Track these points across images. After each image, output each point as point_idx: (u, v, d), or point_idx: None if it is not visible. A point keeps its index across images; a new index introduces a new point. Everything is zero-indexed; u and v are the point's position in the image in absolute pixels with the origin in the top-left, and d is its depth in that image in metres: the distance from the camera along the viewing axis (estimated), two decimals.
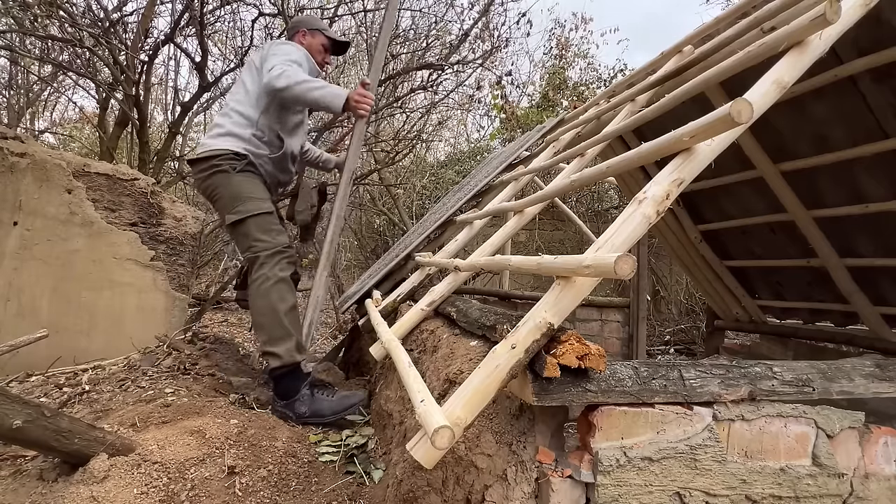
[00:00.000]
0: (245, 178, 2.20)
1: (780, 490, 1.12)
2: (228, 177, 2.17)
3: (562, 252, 6.26)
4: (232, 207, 2.15)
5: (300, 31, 2.47)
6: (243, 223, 2.13)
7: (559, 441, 1.10)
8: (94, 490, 1.30)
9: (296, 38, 2.46)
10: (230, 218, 2.15)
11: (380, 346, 1.85)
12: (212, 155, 2.18)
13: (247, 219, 2.12)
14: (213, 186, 2.21)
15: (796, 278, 3.04)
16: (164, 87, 6.18)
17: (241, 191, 2.17)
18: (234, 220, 2.13)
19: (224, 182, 2.18)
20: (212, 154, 2.18)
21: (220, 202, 2.23)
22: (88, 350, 2.49)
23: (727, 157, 1.71)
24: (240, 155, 2.19)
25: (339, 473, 1.64)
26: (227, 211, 2.17)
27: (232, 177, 2.17)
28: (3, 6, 3.55)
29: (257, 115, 2.24)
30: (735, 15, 2.00)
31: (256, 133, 2.24)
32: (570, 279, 1.03)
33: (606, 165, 1.30)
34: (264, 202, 2.18)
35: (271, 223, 2.18)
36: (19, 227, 2.48)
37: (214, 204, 2.30)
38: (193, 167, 2.29)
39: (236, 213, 2.13)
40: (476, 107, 8.75)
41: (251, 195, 2.17)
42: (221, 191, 2.19)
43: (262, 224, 2.14)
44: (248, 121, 2.23)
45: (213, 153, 2.18)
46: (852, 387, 1.22)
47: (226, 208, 2.18)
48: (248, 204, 2.14)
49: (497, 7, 5.58)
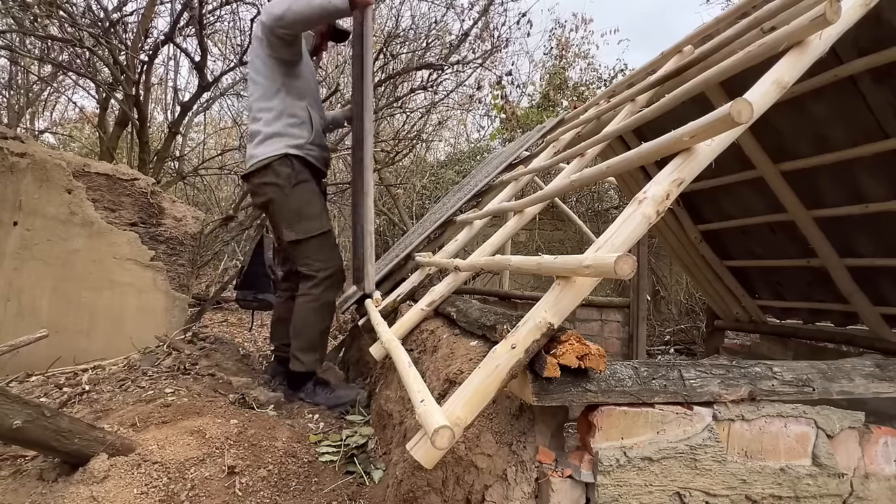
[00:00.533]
0: (302, 192, 2.22)
1: (780, 490, 1.12)
2: (284, 193, 2.19)
3: (562, 252, 6.26)
4: (291, 225, 2.20)
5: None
6: (302, 243, 2.20)
7: (559, 441, 1.10)
8: (94, 490, 1.30)
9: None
10: (289, 235, 2.20)
11: (380, 346, 1.85)
12: (263, 166, 2.19)
13: (307, 239, 2.19)
14: (270, 202, 2.23)
15: (796, 278, 3.04)
16: (164, 87, 6.18)
17: (299, 208, 2.20)
18: (293, 238, 2.19)
19: (281, 198, 2.20)
20: (263, 164, 2.19)
21: (276, 217, 2.26)
22: (88, 350, 2.49)
23: (727, 157, 1.71)
24: (290, 157, 2.20)
25: (339, 473, 1.64)
26: (286, 227, 2.21)
27: (289, 194, 2.19)
28: (3, 6, 3.55)
29: (281, 102, 2.22)
30: (735, 15, 2.00)
31: (289, 121, 2.23)
32: (570, 279, 1.03)
33: (606, 165, 1.30)
34: (322, 220, 2.24)
35: (329, 243, 2.25)
36: (19, 227, 2.48)
37: (270, 217, 2.33)
38: (248, 182, 2.30)
39: (295, 232, 2.19)
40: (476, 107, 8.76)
41: (311, 213, 2.21)
42: (279, 206, 2.22)
43: (321, 245, 2.22)
44: (275, 112, 2.22)
45: (263, 162, 2.19)
46: (852, 387, 1.22)
47: (284, 223, 2.22)
48: (307, 223, 2.19)
49: (497, 7, 5.58)
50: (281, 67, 2.22)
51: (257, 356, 3.42)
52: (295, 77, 2.26)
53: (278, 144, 2.20)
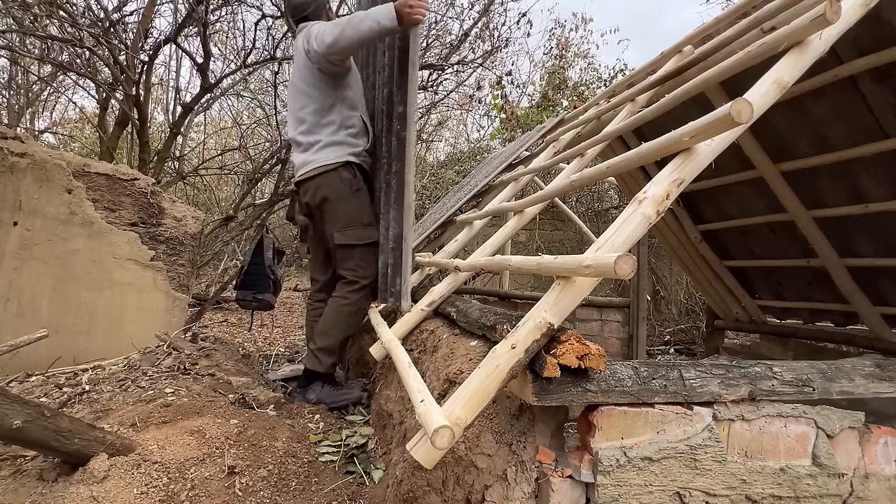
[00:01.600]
0: (360, 199, 2.29)
1: (780, 490, 1.12)
2: (344, 197, 2.25)
3: (562, 252, 6.26)
4: (344, 229, 2.25)
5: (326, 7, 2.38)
6: (353, 248, 2.26)
7: (559, 441, 1.10)
8: (94, 490, 1.30)
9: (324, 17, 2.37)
10: (341, 239, 2.25)
11: (380, 347, 1.85)
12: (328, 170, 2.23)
13: (359, 246, 2.25)
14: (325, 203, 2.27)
15: (796, 278, 3.04)
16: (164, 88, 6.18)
17: (356, 214, 2.26)
18: (345, 242, 2.25)
19: (340, 200, 2.25)
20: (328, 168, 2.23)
21: (330, 218, 2.28)
22: (88, 350, 2.49)
23: (727, 157, 1.71)
24: (352, 164, 2.26)
25: (339, 473, 1.64)
26: (339, 230, 2.26)
27: (349, 198, 2.25)
28: (3, 6, 3.55)
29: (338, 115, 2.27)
30: (735, 15, 2.00)
31: (349, 131, 2.29)
32: (570, 279, 1.03)
33: (606, 165, 1.30)
34: (373, 230, 2.29)
35: (376, 254, 2.29)
36: (19, 227, 2.48)
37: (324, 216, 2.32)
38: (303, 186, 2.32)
39: (348, 237, 2.24)
40: (476, 107, 8.76)
41: (365, 221, 2.27)
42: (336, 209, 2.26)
43: (369, 253, 2.27)
44: (336, 125, 2.27)
45: (329, 167, 2.23)
46: (852, 387, 1.22)
47: (338, 226, 2.26)
48: (362, 231, 2.26)
49: (497, 7, 5.58)
50: (332, 81, 2.26)
51: (257, 356, 3.42)
52: (346, 88, 2.31)
53: (341, 151, 2.26)
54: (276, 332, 4.91)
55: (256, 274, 2.79)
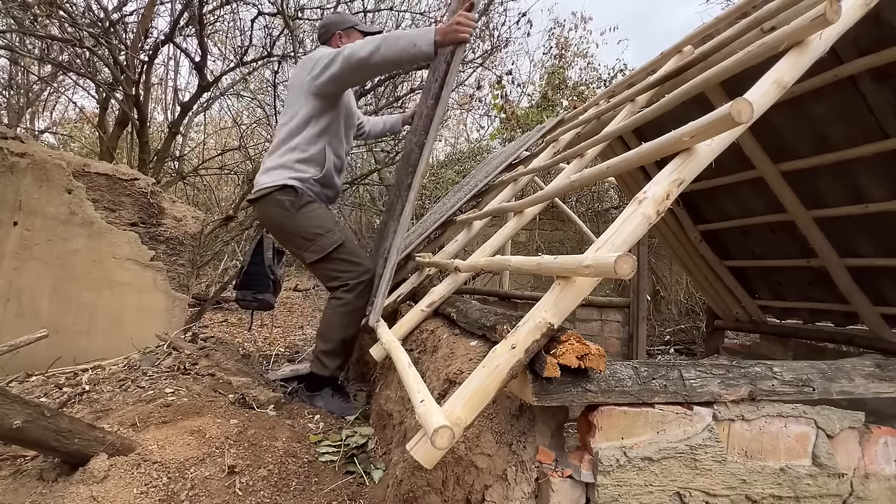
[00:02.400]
0: (307, 213, 2.22)
1: (780, 490, 1.12)
2: (290, 217, 2.21)
3: (562, 252, 6.26)
4: (306, 247, 2.22)
5: (335, 35, 2.39)
6: (322, 262, 2.22)
7: (559, 441, 1.10)
8: (94, 490, 1.30)
9: (332, 41, 2.39)
10: (308, 258, 2.23)
11: (380, 347, 1.85)
12: (264, 194, 2.22)
13: (324, 257, 2.20)
14: (279, 228, 2.28)
15: (796, 278, 3.04)
16: (164, 87, 6.18)
17: (308, 228, 2.21)
18: (312, 259, 2.22)
19: (288, 222, 2.22)
20: (265, 193, 2.22)
21: (290, 243, 2.29)
22: (88, 350, 2.49)
23: (727, 157, 1.71)
24: (290, 187, 2.20)
25: (339, 473, 1.64)
26: (302, 251, 2.24)
27: (295, 216, 2.21)
28: (3, 6, 3.55)
29: (301, 139, 2.23)
30: (735, 15, 2.00)
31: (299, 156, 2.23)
32: (570, 279, 1.03)
33: (606, 165, 1.30)
34: (334, 234, 2.22)
35: (349, 251, 2.24)
36: (19, 227, 2.48)
37: (283, 244, 2.35)
38: (254, 206, 2.35)
39: (315, 254, 2.21)
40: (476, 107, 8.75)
41: (320, 232, 2.20)
42: (289, 231, 2.25)
43: (340, 258, 2.22)
44: (289, 147, 2.24)
45: (265, 191, 2.22)
46: (852, 387, 1.22)
47: (299, 248, 2.25)
48: (320, 241, 2.20)
49: (497, 7, 5.58)
50: (317, 102, 2.22)
51: (257, 356, 3.42)
52: (324, 113, 2.25)
53: (279, 175, 2.22)
54: (276, 332, 4.92)
55: (256, 274, 2.78)
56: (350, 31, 2.39)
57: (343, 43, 2.33)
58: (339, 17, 2.51)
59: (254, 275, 2.77)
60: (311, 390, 2.28)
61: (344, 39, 2.37)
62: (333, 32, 2.39)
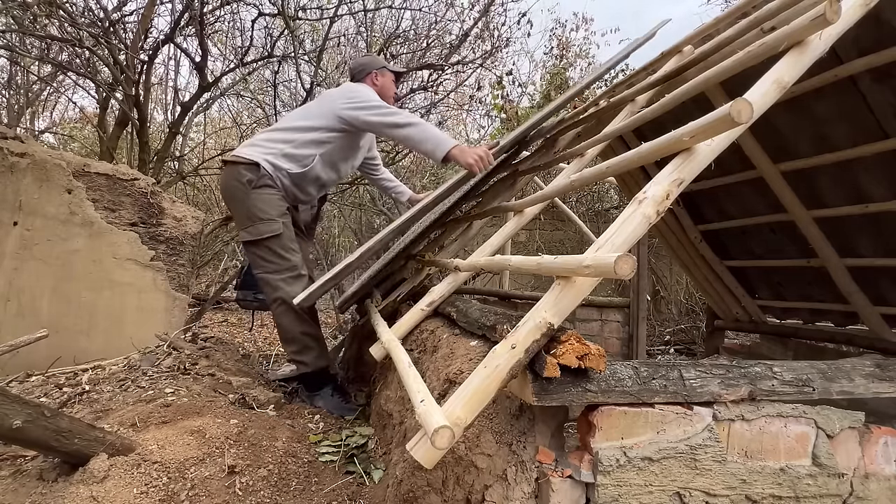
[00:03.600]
0: (260, 196, 2.26)
1: (780, 490, 1.12)
2: (245, 192, 2.25)
3: (562, 252, 6.26)
4: (245, 226, 2.27)
5: (370, 73, 2.54)
6: (254, 245, 2.25)
7: (559, 441, 1.10)
8: (94, 490, 1.30)
9: (367, 80, 2.53)
10: (244, 236, 2.29)
11: (380, 347, 1.85)
12: (233, 162, 2.28)
13: (258, 241, 2.23)
14: (230, 198, 2.34)
15: (796, 278, 3.04)
16: (164, 87, 6.18)
17: (255, 210, 2.24)
18: (246, 239, 2.27)
19: (241, 197, 2.27)
20: (233, 161, 2.28)
21: (236, 215, 2.36)
22: (88, 350, 2.49)
23: (727, 157, 1.71)
24: (256, 166, 2.26)
25: (339, 473, 1.64)
26: (241, 228, 2.31)
27: (249, 193, 2.25)
28: (3, 6, 3.55)
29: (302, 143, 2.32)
30: (735, 15, 2.00)
31: (286, 151, 2.30)
32: (570, 279, 1.03)
33: (606, 165, 1.30)
34: (276, 222, 2.25)
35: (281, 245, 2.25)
36: (19, 227, 2.48)
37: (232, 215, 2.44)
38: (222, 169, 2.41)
39: (248, 234, 2.25)
40: (476, 107, 8.75)
41: (265, 216, 2.24)
42: (238, 205, 2.30)
43: (272, 247, 2.23)
44: (283, 136, 2.33)
45: (234, 160, 2.28)
46: (852, 387, 1.22)
47: (241, 225, 2.31)
48: (260, 226, 2.23)
49: (497, 7, 5.58)
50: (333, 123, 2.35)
51: (257, 356, 3.42)
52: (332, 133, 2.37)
53: (258, 153, 2.28)
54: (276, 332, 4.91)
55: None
56: (383, 71, 2.57)
57: (378, 81, 2.54)
58: (373, 60, 2.65)
59: (254, 275, 2.77)
60: (310, 390, 2.29)
61: (379, 78, 2.55)
62: (369, 72, 2.55)
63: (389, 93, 2.57)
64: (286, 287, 2.21)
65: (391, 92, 2.60)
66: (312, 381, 2.30)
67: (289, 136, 2.33)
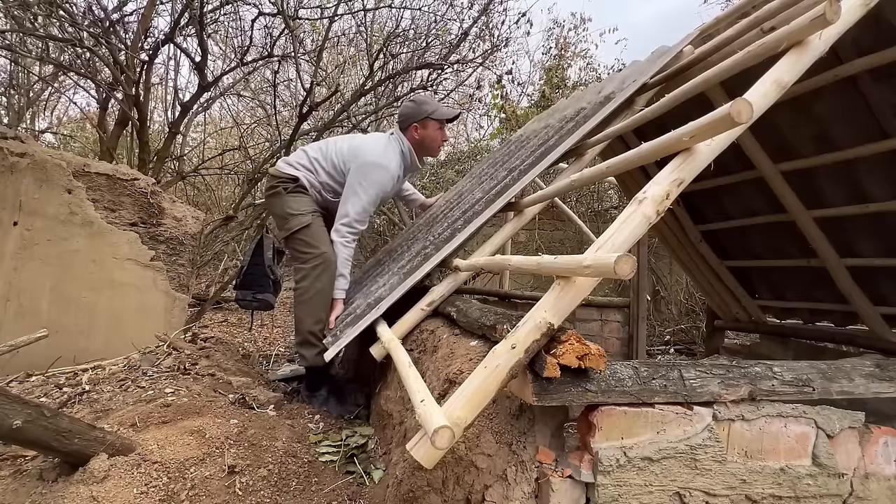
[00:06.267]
0: (293, 196, 2.44)
1: (780, 490, 1.12)
2: (281, 196, 2.44)
3: (562, 252, 6.26)
4: (282, 225, 2.45)
5: (412, 126, 2.53)
6: (289, 239, 2.41)
7: (559, 441, 1.10)
8: (94, 490, 1.30)
9: (408, 132, 2.54)
10: (281, 234, 2.46)
11: (380, 346, 1.85)
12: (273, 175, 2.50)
13: (293, 233, 2.38)
14: (270, 204, 2.54)
15: (796, 278, 3.04)
16: (164, 87, 6.18)
17: (287, 209, 2.42)
18: (283, 235, 2.44)
19: (278, 201, 2.45)
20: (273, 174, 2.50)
21: (277, 220, 2.53)
22: (88, 350, 2.49)
23: (727, 157, 1.71)
24: (292, 178, 2.45)
25: (339, 473, 1.64)
26: (279, 228, 2.49)
27: (283, 196, 2.43)
28: (3, 6, 3.54)
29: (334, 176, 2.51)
30: (735, 15, 2.00)
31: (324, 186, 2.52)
32: (570, 279, 1.03)
33: (606, 165, 1.30)
34: (306, 216, 2.41)
35: (313, 234, 2.39)
36: (19, 227, 2.48)
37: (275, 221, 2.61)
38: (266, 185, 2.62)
39: (285, 231, 2.42)
40: (476, 106, 8.75)
41: (295, 211, 2.41)
42: (276, 208, 2.47)
43: (305, 236, 2.37)
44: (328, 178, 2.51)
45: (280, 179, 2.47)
46: (852, 387, 1.22)
47: (279, 226, 2.50)
48: (292, 220, 2.40)
49: (497, 6, 5.58)
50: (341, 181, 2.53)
51: (257, 356, 3.42)
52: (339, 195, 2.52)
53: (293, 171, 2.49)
54: (276, 332, 4.91)
55: (256, 274, 2.78)
56: (426, 122, 2.51)
57: (419, 135, 2.52)
58: (417, 109, 2.55)
59: (254, 275, 2.77)
60: (310, 390, 2.29)
61: (420, 131, 2.52)
62: (411, 124, 2.53)
63: (434, 143, 2.57)
64: (311, 278, 2.31)
65: (436, 143, 2.57)
66: (312, 380, 2.30)
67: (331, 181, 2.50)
